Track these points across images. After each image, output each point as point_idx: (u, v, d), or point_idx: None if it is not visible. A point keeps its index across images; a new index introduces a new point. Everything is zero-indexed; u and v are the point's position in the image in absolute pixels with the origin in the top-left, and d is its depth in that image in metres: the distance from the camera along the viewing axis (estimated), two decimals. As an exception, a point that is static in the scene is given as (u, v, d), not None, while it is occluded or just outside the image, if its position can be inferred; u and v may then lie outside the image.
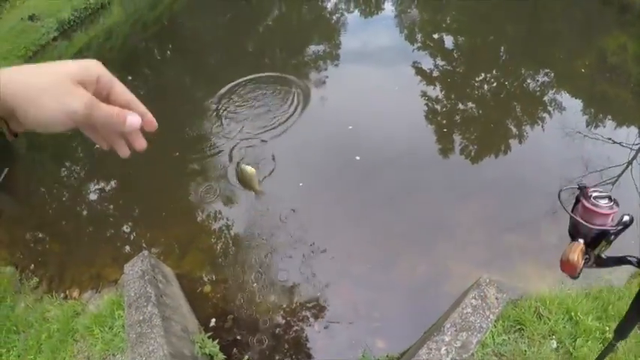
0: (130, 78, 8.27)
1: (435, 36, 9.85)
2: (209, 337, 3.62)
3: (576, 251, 0.77)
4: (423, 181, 5.37)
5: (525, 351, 3.43)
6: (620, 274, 4.55)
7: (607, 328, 3.72)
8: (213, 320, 3.98)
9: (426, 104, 7.21)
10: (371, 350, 3.66)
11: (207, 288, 4.26)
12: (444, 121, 6.89)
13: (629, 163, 6.68)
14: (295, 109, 6.83)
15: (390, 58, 8.45)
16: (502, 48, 9.70)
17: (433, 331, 3.29)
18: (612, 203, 0.70)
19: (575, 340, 3.60)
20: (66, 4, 11.32)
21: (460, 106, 7.30)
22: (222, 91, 7.35)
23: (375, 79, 7.64)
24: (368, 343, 3.72)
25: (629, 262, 0.64)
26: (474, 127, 6.92)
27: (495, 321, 3.59)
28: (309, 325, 3.93)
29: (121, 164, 5.67)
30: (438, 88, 7.52)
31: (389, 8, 11.43)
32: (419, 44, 9.50)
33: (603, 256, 0.76)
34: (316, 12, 11.84)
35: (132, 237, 4.96)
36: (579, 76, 8.42)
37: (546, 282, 4.14)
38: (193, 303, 4.07)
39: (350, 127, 6.29)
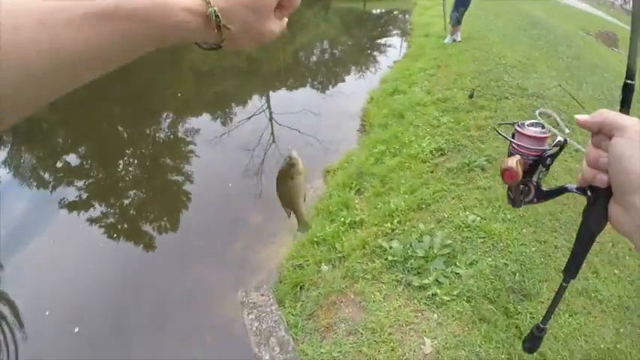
0: None
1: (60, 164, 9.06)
2: None
3: (513, 160, 0.73)
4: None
5: (318, 294, 3.92)
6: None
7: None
8: None
9: (98, 228, 6.26)
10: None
11: None
12: (121, 226, 6.31)
13: (270, 119, 7.68)
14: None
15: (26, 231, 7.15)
16: (118, 127, 9.45)
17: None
18: (546, 129, 0.75)
19: (335, 246, 4.27)
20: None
21: (125, 200, 6.78)
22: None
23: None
24: None
25: (569, 190, 0.73)
26: (149, 207, 6.62)
27: (279, 304, 4.06)
28: None
29: None
30: (96, 205, 6.64)
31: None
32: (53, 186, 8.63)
33: (543, 188, 0.78)
34: None
35: None
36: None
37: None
38: None
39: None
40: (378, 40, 14.89)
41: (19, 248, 6.00)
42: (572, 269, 0.85)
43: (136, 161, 8.16)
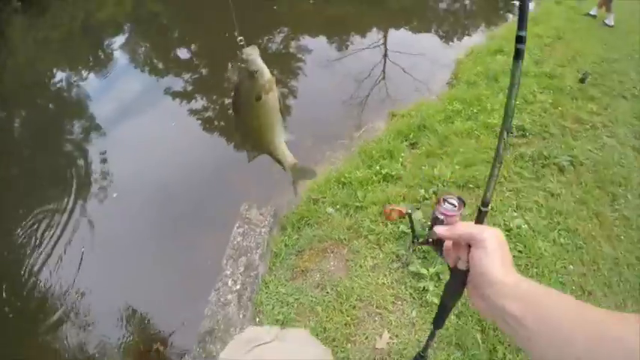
0: None
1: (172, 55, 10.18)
2: None
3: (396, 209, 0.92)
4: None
5: (316, 234, 3.60)
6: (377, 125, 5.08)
7: (377, 168, 4.06)
8: None
9: (200, 117, 7.35)
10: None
11: None
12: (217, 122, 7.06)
13: (384, 55, 7.32)
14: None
15: (149, 100, 8.44)
16: (226, 29, 10.20)
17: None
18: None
19: (356, 194, 3.89)
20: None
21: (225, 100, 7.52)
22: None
23: (148, 127, 7.59)
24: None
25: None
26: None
27: (283, 230, 3.80)
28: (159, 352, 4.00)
29: None
30: (198, 98, 7.68)
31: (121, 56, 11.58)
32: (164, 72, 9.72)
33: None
34: (57, 96, 11.47)
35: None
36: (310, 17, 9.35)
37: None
38: None
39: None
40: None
41: (125, 122, 7.53)
42: (439, 321, 1.07)
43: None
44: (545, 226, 3.44)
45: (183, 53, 10.23)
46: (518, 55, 0.76)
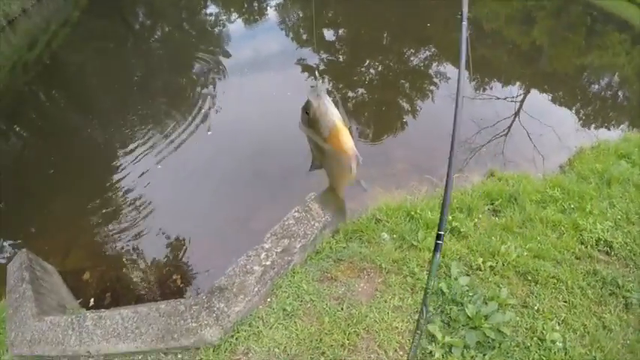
0: (17, 128, 8.31)
1: (318, 31, 10.43)
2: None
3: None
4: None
5: (362, 252, 3.66)
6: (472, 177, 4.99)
7: (450, 217, 4.02)
8: (92, 300, 4.25)
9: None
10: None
11: (87, 275, 4.55)
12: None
13: (516, 113, 7.22)
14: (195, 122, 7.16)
15: (279, 62, 8.93)
16: (384, 33, 10.40)
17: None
18: None
19: (417, 233, 3.87)
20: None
21: (350, 94, 7.76)
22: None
23: (268, 87, 8.07)
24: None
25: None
26: (367, 112, 7.37)
27: (334, 234, 3.89)
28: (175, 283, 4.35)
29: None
30: (326, 81, 7.99)
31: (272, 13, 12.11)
32: (303, 43, 10.08)
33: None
34: (200, 26, 12.39)
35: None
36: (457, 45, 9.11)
37: (390, 197, 4.46)
38: (75, 291, 4.31)
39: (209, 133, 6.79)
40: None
41: (250, 74, 8.59)
42: None
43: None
44: (581, 354, 3.24)
45: (331, 35, 10.50)
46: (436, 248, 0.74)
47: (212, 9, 13.51)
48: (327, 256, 3.64)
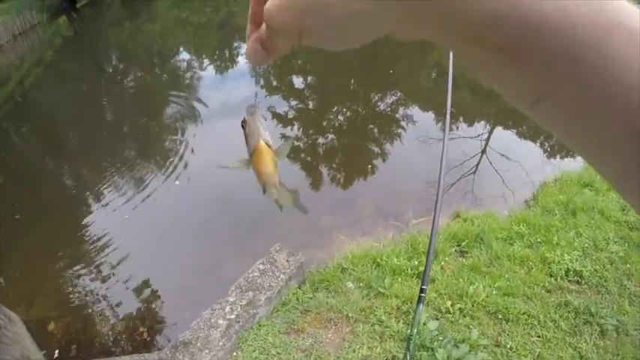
0: None
1: (286, 79, 10.73)
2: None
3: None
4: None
5: (328, 302, 3.62)
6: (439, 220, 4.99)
7: (417, 262, 4.01)
8: (57, 352, 4.13)
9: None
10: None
11: (52, 325, 4.43)
12: (308, 157, 7.34)
13: (482, 151, 7.36)
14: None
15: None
16: (350, 80, 10.65)
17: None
18: None
19: (384, 280, 3.85)
20: None
21: (320, 139, 7.84)
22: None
23: (238, 133, 8.04)
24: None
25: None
26: (335, 157, 7.43)
27: (300, 285, 3.85)
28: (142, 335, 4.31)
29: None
30: (296, 127, 8.07)
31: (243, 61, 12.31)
32: (272, 90, 10.24)
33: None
34: (172, 73, 12.51)
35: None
36: (424, 90, 9.39)
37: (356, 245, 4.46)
38: (39, 341, 4.20)
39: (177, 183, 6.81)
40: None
41: (218, 121, 8.72)
42: None
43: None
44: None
45: (299, 82, 10.72)
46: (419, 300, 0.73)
47: (184, 55, 13.71)
48: (293, 307, 3.60)
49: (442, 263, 4.15)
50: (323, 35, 0.37)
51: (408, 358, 2.30)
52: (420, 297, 2.30)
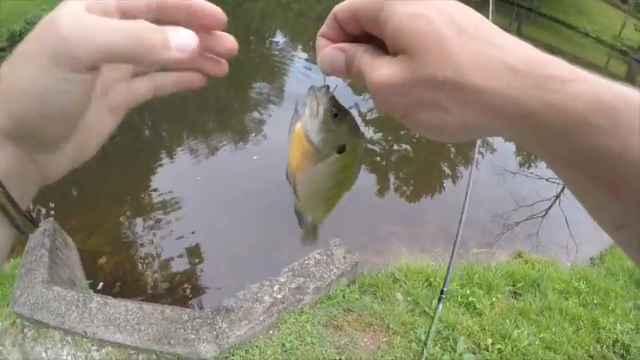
0: None
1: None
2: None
3: None
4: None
5: (373, 307, 3.69)
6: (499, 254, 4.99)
7: (468, 292, 4.02)
8: (101, 284, 4.42)
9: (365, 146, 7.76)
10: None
11: (103, 259, 4.77)
12: (382, 162, 7.38)
13: (557, 197, 7.15)
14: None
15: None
16: None
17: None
18: None
19: (432, 300, 3.88)
20: (20, 17, 10.63)
21: (396, 146, 7.87)
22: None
23: None
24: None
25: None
26: (408, 168, 7.44)
27: (350, 284, 3.94)
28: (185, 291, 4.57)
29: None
30: (372, 130, 8.09)
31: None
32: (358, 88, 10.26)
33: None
34: (263, 54, 12.62)
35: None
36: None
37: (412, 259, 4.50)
38: (88, 271, 4.52)
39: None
40: None
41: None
42: None
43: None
44: None
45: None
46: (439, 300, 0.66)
47: (279, 38, 14.01)
48: (338, 303, 3.69)
49: (493, 299, 4.13)
50: (428, 130, 0.40)
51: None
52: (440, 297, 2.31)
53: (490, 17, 2.50)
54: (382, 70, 0.37)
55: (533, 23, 25.90)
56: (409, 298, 3.94)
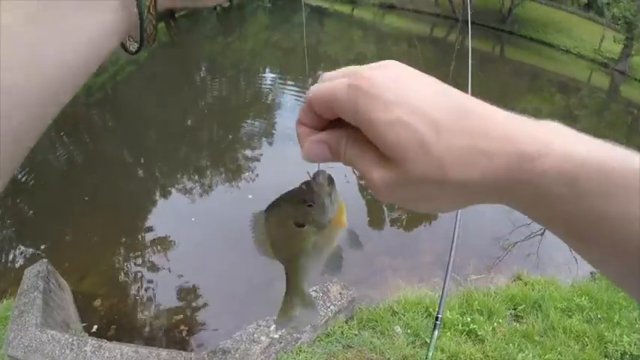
0: (66, 140, 8.77)
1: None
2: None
3: None
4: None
5: (373, 342, 3.66)
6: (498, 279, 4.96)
7: (469, 319, 3.99)
8: (95, 327, 4.38)
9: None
10: None
11: (97, 302, 4.73)
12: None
13: None
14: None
15: None
16: None
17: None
18: None
19: (432, 331, 3.84)
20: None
21: None
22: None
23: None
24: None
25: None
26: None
27: (347, 319, 3.91)
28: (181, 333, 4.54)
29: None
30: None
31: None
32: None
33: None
34: (256, 91, 13.00)
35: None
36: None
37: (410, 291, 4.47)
38: (82, 314, 4.49)
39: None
40: None
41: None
42: None
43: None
44: None
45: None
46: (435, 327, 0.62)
47: (269, 75, 14.24)
48: (336, 340, 3.66)
49: (494, 324, 4.09)
50: (427, 211, 0.49)
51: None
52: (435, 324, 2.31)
53: (469, 43, 2.61)
54: (376, 174, 0.41)
55: (514, 45, 26.55)
56: (409, 331, 3.91)
